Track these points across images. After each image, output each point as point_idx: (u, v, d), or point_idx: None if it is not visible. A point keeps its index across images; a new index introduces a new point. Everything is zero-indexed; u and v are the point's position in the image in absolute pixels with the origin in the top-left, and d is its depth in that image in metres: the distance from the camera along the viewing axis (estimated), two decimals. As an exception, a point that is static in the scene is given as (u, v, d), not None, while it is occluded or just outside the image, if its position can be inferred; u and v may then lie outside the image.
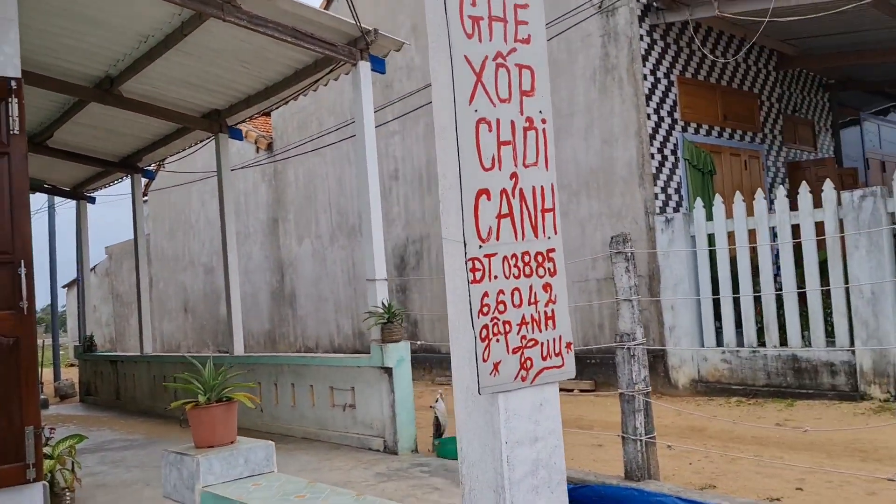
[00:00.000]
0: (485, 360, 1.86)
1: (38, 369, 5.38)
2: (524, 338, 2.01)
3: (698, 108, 10.36)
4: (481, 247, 1.99)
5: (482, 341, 1.88)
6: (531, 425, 2.12)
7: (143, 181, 14.06)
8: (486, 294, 1.93)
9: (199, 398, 3.54)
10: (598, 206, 9.96)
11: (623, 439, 5.16)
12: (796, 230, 8.24)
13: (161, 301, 19.96)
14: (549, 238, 2.09)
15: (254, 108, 9.42)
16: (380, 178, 8.47)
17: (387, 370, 7.12)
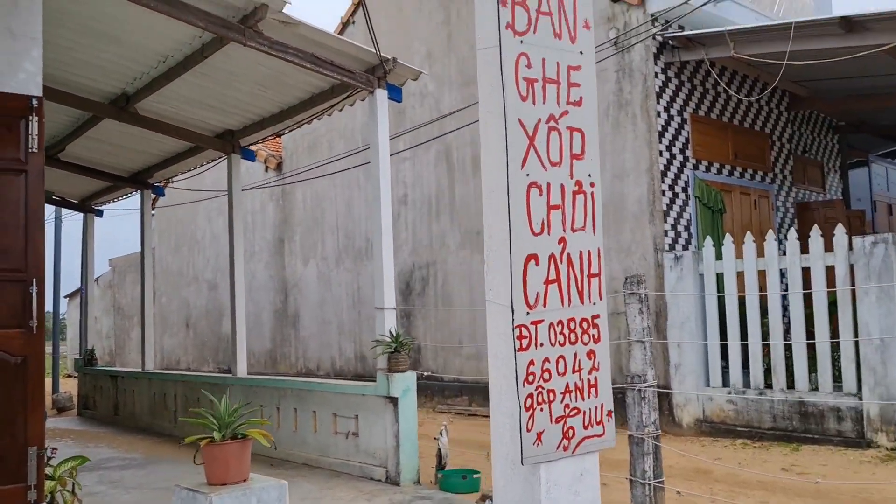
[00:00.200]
0: (528, 430, 1.83)
1: (45, 389, 5.33)
2: (567, 406, 1.98)
3: (710, 146, 10.38)
4: (529, 313, 1.96)
5: (526, 410, 1.86)
6: (571, 496, 2.08)
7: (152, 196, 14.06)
8: (531, 362, 1.90)
9: (214, 435, 3.50)
10: (607, 240, 9.95)
11: (631, 482, 5.10)
12: (806, 273, 8.22)
13: (163, 316, 19.90)
14: (595, 304, 2.07)
15: (268, 131, 9.45)
16: (390, 204, 8.45)
17: (392, 400, 7.08)
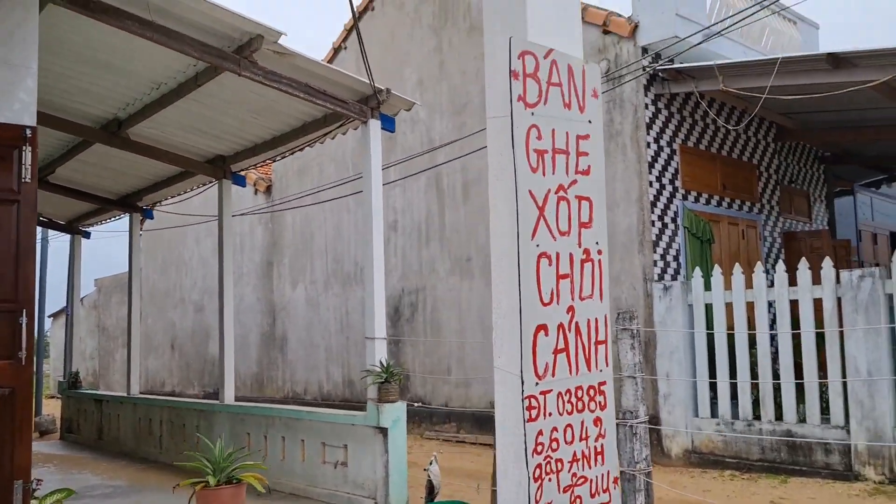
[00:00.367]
0: (537, 501, 1.83)
1: (32, 419, 5.27)
2: (575, 475, 1.98)
3: (699, 176, 10.48)
4: (538, 384, 1.96)
5: (535, 481, 1.85)
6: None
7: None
8: (540, 432, 1.90)
9: (209, 479, 3.47)
10: (596, 269, 9.97)
11: (623, 519, 5.10)
12: (794, 304, 8.28)
13: (148, 337, 19.75)
14: (601, 371, 2.08)
15: (259, 157, 9.46)
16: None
17: (382, 430, 7.05)
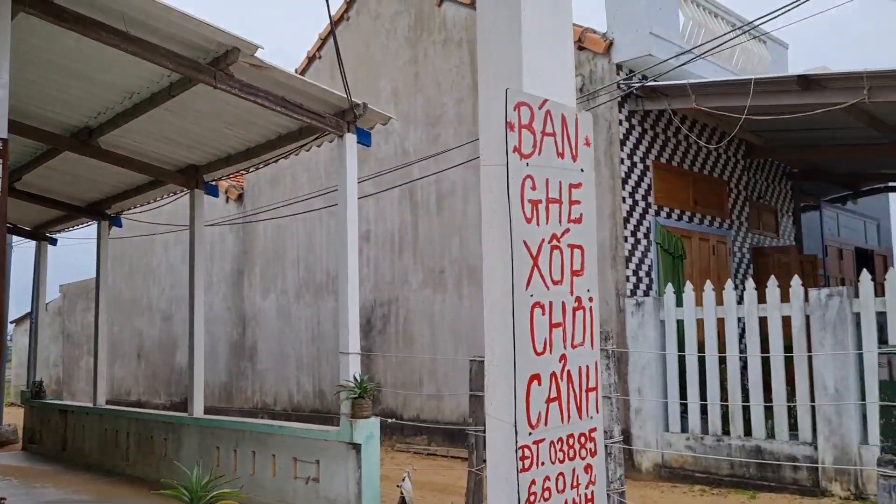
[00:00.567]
0: None
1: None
2: None
3: (671, 193, 10.60)
4: (531, 433, 1.96)
5: None
6: None
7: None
8: (533, 482, 1.91)
9: (186, 509, 3.42)
10: (569, 283, 10.03)
11: (597, 539, 5.12)
12: (764, 321, 8.40)
13: (114, 345, 19.41)
14: (592, 417, 2.10)
15: (233, 168, 9.38)
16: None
17: (355, 446, 7.01)
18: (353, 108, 7.37)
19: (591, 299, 2.15)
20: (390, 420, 9.06)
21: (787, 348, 8.30)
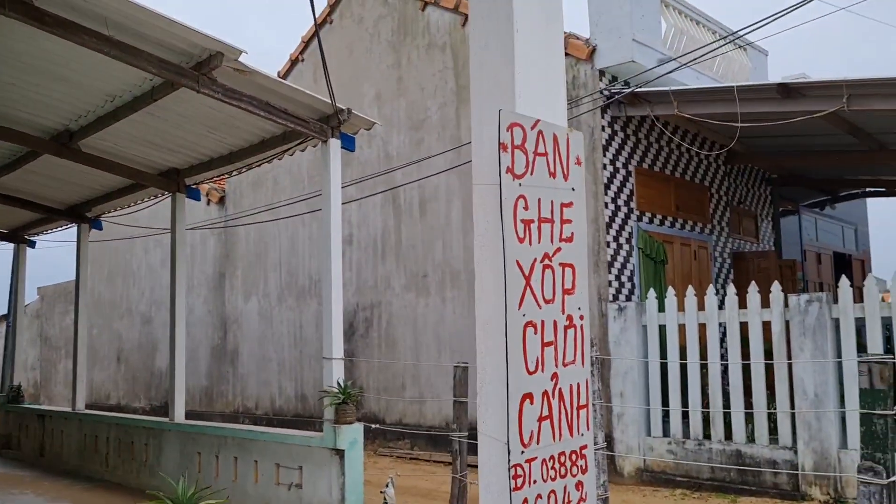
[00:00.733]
0: None
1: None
2: None
3: (653, 198, 10.67)
4: (523, 452, 1.97)
5: None
6: None
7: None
8: (525, 500, 1.92)
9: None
10: (552, 288, 10.06)
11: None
12: (745, 326, 8.48)
13: (93, 348, 19.20)
14: (583, 435, 2.11)
15: (215, 171, 9.33)
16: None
17: (339, 452, 7.00)
18: (337, 113, 7.35)
19: (581, 317, 2.17)
20: (374, 426, 9.03)
21: (768, 353, 8.38)
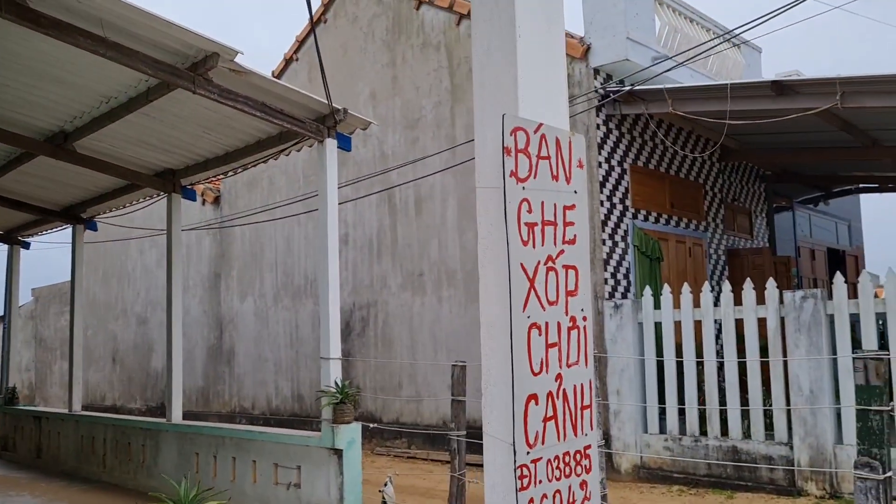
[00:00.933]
0: None
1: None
2: None
3: (648, 196, 10.70)
4: (529, 453, 2.00)
5: None
6: None
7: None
8: (531, 500, 1.94)
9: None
10: (548, 286, 10.09)
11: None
12: (740, 323, 8.52)
13: (89, 349, 19.18)
14: (587, 434, 2.13)
15: (211, 172, 9.32)
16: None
17: (337, 451, 7.01)
18: (333, 113, 7.36)
19: (584, 318, 2.20)
20: (371, 425, 9.05)
21: (764, 350, 8.42)
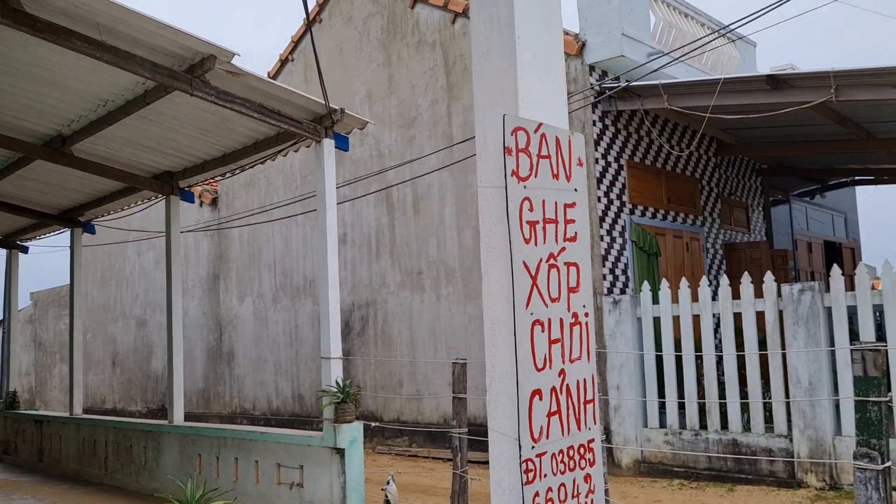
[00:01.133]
0: None
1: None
2: None
3: (645, 191, 10.74)
4: (534, 447, 2.03)
5: None
6: None
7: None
8: (536, 494, 1.98)
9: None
10: (547, 282, 10.12)
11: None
12: (738, 317, 8.55)
13: (88, 352, 19.19)
14: (590, 429, 2.17)
15: (209, 174, 9.33)
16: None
17: (339, 451, 7.03)
18: (330, 113, 7.38)
19: (586, 314, 2.23)
20: (372, 424, 9.08)
21: (762, 343, 8.46)
